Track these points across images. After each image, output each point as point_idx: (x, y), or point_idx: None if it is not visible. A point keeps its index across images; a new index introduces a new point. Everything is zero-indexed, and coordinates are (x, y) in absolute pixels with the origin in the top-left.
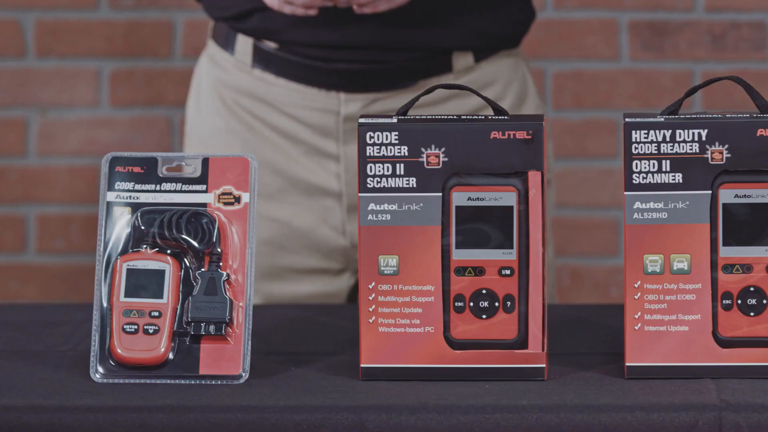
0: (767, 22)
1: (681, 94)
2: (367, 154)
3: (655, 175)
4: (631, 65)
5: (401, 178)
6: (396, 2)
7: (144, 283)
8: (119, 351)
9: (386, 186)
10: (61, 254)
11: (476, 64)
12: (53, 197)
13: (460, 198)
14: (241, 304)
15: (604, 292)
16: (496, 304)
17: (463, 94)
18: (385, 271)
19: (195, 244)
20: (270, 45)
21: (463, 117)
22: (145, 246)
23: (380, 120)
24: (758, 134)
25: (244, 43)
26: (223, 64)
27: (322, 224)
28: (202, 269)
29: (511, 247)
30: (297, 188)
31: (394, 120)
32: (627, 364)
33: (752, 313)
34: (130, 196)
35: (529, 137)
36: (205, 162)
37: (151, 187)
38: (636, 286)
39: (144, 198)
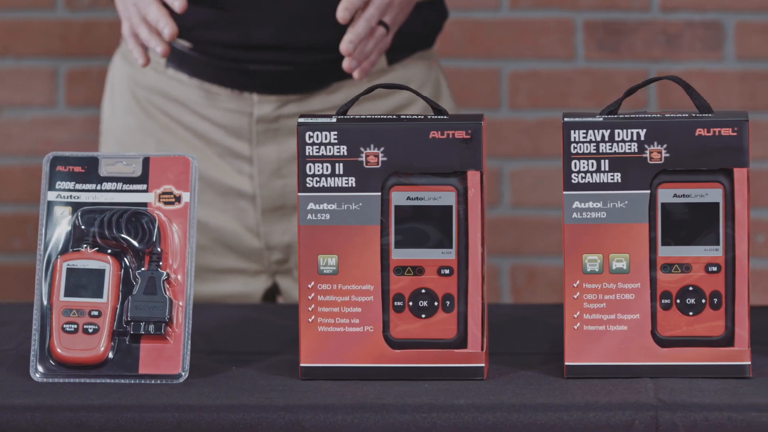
0: (722, 22)
1: (637, 93)
2: (306, 154)
3: (594, 174)
4: (586, 65)
5: (340, 178)
6: (386, 44)
7: (84, 283)
8: (59, 350)
9: (325, 185)
10: (17, 254)
11: (389, 67)
12: (9, 197)
13: (399, 198)
14: (180, 303)
15: (560, 291)
16: (436, 303)
17: (382, 94)
18: (325, 271)
19: (135, 243)
20: (183, 44)
21: (402, 117)
22: (85, 245)
23: (319, 120)
24: (697, 134)
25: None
26: (137, 63)
27: (237, 225)
28: (142, 269)
29: (450, 247)
30: (212, 188)
31: (333, 120)
32: (566, 363)
33: (691, 313)
34: (70, 196)
35: (468, 137)
36: (146, 162)
37: (92, 186)
38: (575, 285)
39: (84, 197)
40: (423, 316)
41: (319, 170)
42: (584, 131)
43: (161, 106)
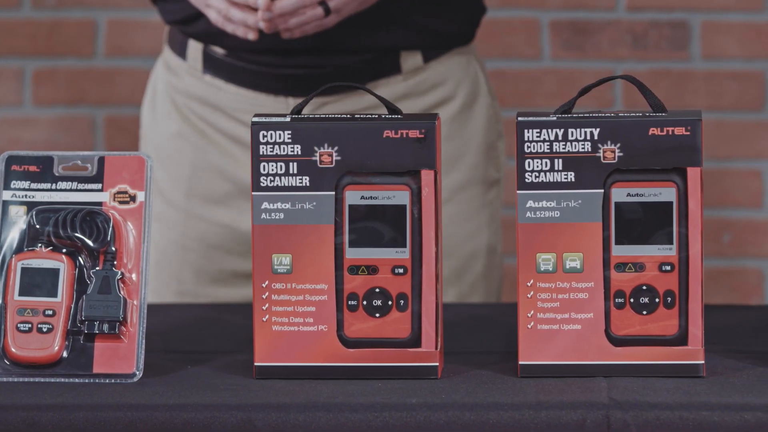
0: (688, 22)
1: (604, 93)
2: (260, 153)
3: (548, 174)
4: (552, 64)
5: (294, 177)
6: (326, 24)
7: (38, 282)
8: (13, 350)
9: (279, 185)
10: None
11: (425, 64)
12: None
13: (353, 197)
14: (135, 302)
15: None
16: (390, 302)
17: (402, 98)
18: (279, 270)
19: (89, 242)
20: (218, 51)
21: (356, 116)
22: (40, 245)
23: (273, 119)
24: (650, 133)
25: (194, 49)
26: (176, 70)
27: None
28: (97, 268)
29: (404, 246)
30: (245, 193)
31: (287, 119)
32: (520, 362)
33: (644, 312)
34: (25, 195)
35: (422, 136)
36: (101, 161)
37: (47, 185)
38: (528, 284)
39: (39, 197)
40: (377, 315)
41: (273, 169)
42: (538, 130)
43: (199, 112)
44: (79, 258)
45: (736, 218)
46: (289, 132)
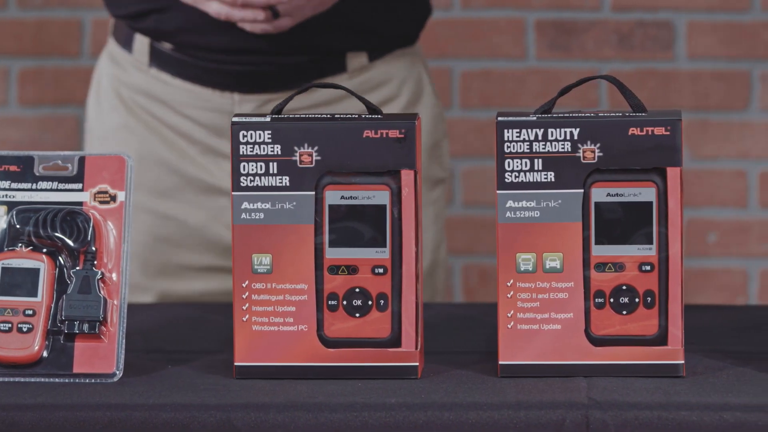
0: (673, 22)
1: (588, 93)
2: (240, 153)
3: (528, 173)
4: (538, 64)
5: (274, 177)
6: (280, 26)
7: (18, 282)
8: None
9: (259, 185)
10: None
11: (370, 64)
12: None
13: (333, 197)
14: (115, 302)
15: None
16: (370, 302)
17: (347, 97)
18: (259, 270)
19: (70, 242)
20: (166, 45)
21: (336, 116)
22: (20, 245)
23: (253, 119)
24: (630, 133)
25: (141, 43)
26: (122, 63)
27: (217, 223)
28: (77, 268)
29: (384, 246)
30: (192, 186)
31: (268, 119)
32: (500, 362)
33: (624, 312)
34: (6, 195)
35: (402, 136)
36: (81, 161)
37: (28, 185)
38: (508, 284)
39: (20, 196)
40: (357, 315)
41: (253, 169)
42: (518, 130)
43: (145, 105)
44: (60, 258)
45: (721, 218)
46: (269, 132)
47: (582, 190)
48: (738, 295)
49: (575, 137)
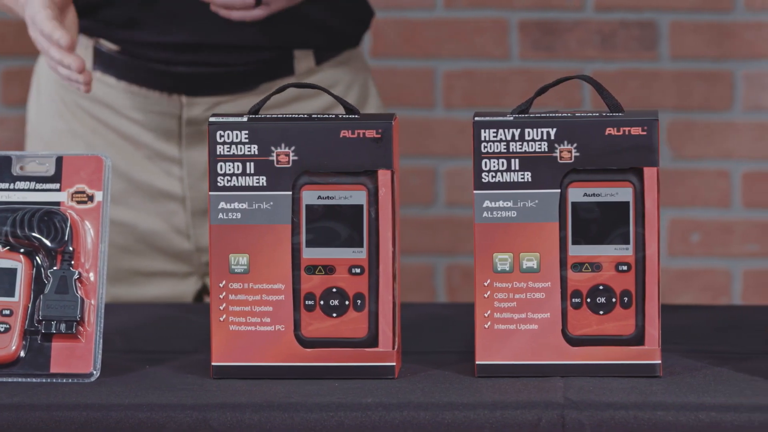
0: (656, 22)
1: (571, 93)
2: (217, 153)
3: (505, 173)
4: (521, 64)
5: (251, 177)
6: (254, 16)
7: None
8: None
9: (236, 185)
10: None
11: (317, 67)
12: None
13: (310, 197)
14: (92, 302)
15: None
16: (347, 302)
17: (310, 94)
18: (236, 270)
19: (47, 242)
20: (110, 47)
21: (313, 116)
22: None
23: (230, 119)
24: (606, 133)
25: (83, 45)
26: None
27: (167, 227)
28: (54, 268)
29: (362, 246)
30: (141, 191)
31: (245, 119)
32: (477, 362)
33: (601, 312)
34: None
35: (379, 136)
36: (59, 161)
37: (5, 185)
38: (485, 284)
39: None
40: (334, 315)
41: (230, 169)
42: (494, 130)
43: (89, 109)
44: (37, 258)
45: (704, 218)
46: (246, 132)
47: (559, 190)
48: (721, 295)
49: (552, 137)
